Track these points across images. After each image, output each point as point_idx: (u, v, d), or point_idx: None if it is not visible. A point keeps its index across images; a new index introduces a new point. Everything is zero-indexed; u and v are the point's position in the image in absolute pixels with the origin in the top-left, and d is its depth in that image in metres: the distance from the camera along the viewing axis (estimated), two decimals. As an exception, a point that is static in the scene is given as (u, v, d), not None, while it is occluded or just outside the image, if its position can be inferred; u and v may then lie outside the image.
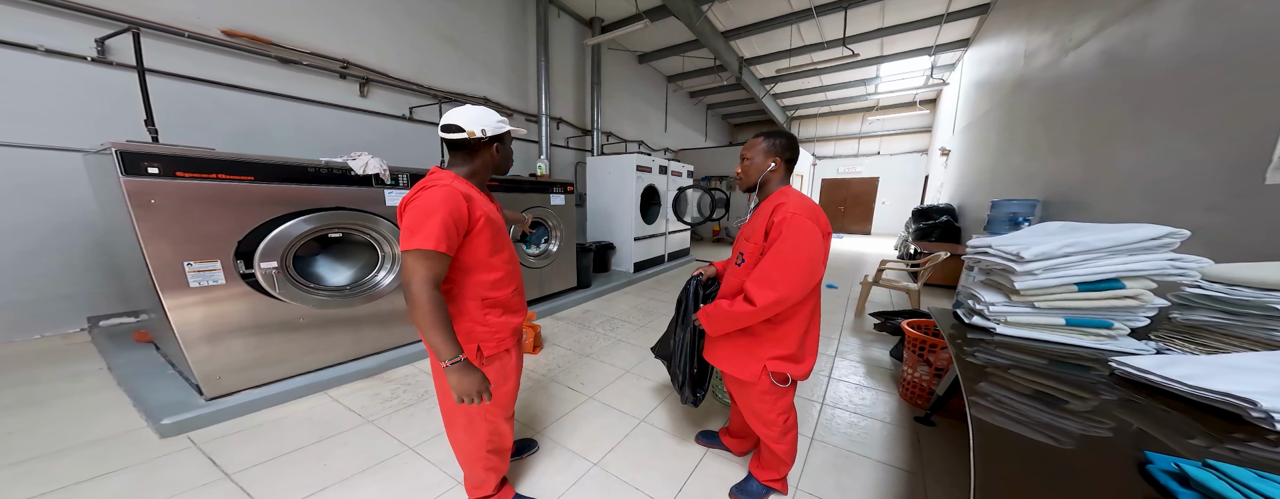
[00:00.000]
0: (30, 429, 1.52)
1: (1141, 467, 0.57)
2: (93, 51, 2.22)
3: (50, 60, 2.13)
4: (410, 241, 0.84)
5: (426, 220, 0.85)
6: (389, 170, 2.07)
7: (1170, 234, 0.95)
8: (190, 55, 2.53)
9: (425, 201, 0.87)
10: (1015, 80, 3.92)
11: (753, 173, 1.10)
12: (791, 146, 1.08)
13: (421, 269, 0.85)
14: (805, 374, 1.11)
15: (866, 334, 2.89)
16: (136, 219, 1.42)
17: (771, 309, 0.96)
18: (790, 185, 1.11)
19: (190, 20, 2.51)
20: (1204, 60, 1.62)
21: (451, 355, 0.87)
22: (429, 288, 0.85)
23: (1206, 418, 0.71)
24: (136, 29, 1.96)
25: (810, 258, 0.94)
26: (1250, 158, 1.33)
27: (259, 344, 1.77)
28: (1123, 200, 2.06)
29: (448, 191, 0.88)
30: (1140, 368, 0.81)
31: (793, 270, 0.93)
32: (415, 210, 0.87)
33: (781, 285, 0.93)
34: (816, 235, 0.95)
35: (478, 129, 0.96)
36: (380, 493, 1.29)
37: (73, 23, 2.18)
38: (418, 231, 0.84)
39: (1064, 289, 1.03)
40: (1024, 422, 0.73)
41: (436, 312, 0.85)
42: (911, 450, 1.56)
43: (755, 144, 1.09)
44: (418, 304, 0.84)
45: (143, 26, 2.29)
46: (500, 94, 4.56)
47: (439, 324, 0.85)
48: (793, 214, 0.95)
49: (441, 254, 0.86)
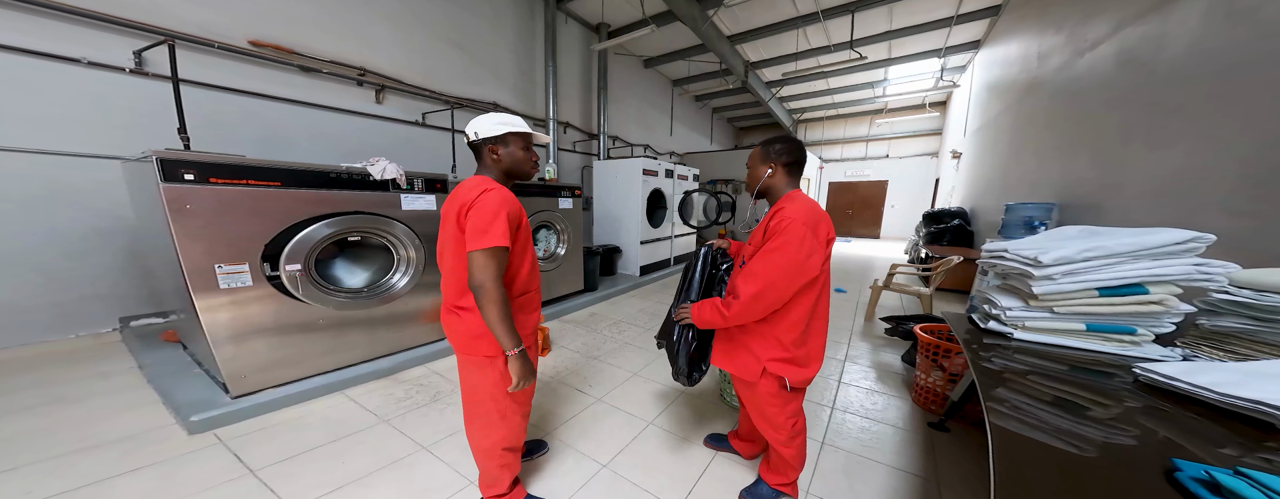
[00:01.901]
0: (63, 426, 1.58)
1: (1169, 475, 0.57)
2: (131, 63, 2.32)
3: (92, 72, 2.23)
4: (483, 240, 0.90)
5: (495, 220, 0.91)
6: (405, 175, 2.12)
7: (1196, 239, 0.93)
8: (219, 65, 2.63)
9: (489, 203, 0.92)
10: (1028, 82, 3.88)
11: (754, 179, 1.13)
12: (789, 151, 1.08)
13: (493, 266, 0.91)
14: (806, 381, 1.10)
15: (877, 338, 2.86)
16: (173, 223, 1.48)
17: (756, 302, 0.98)
18: (799, 190, 1.11)
19: (219, 32, 2.61)
20: (1225, 61, 1.60)
21: (517, 345, 0.95)
22: (499, 283, 0.92)
23: (1237, 426, 0.69)
24: (172, 41, 2.04)
25: (794, 258, 0.95)
26: (1275, 160, 1.30)
27: (281, 344, 1.81)
28: (1141, 205, 2.02)
29: (506, 193, 0.96)
30: (1167, 374, 0.80)
31: (775, 268, 0.96)
32: (481, 212, 0.91)
33: (762, 279, 0.96)
34: (807, 238, 0.96)
35: (472, 132, 1.01)
36: (395, 491, 1.31)
37: (113, 36, 2.28)
38: (489, 231, 0.90)
39: (1085, 294, 1.02)
40: (1044, 428, 0.72)
41: (506, 305, 0.93)
42: (926, 456, 1.54)
43: (753, 154, 1.13)
44: (494, 298, 0.91)
45: (177, 38, 2.38)
46: (509, 99, 4.63)
47: (508, 316, 0.94)
48: (788, 219, 0.97)
49: (508, 249, 0.95)
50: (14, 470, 1.34)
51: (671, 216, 5.17)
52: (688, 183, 5.50)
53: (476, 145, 1.02)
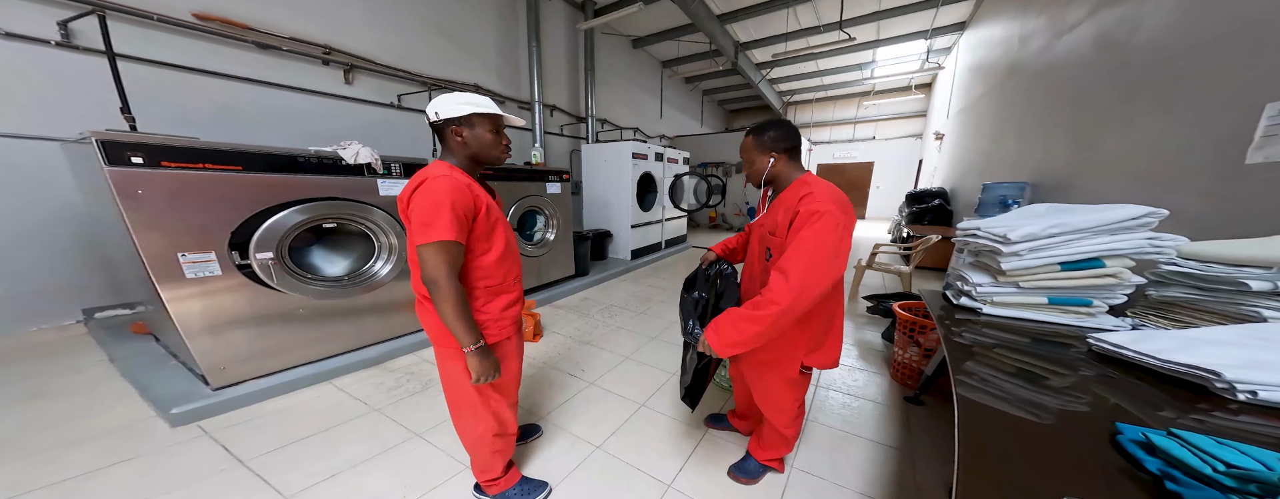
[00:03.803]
0: (42, 421, 1.54)
1: (1113, 438, 0.62)
2: (56, 35, 2.13)
3: (11, 44, 2.04)
4: (427, 234, 0.85)
5: (438, 212, 0.85)
6: (381, 159, 2.05)
7: (1149, 213, 0.98)
8: (161, 39, 2.44)
9: (430, 194, 0.86)
10: (1010, 64, 3.91)
11: (758, 172, 1.07)
12: (786, 136, 1.03)
13: (444, 260, 0.86)
14: (832, 363, 1.10)
15: (859, 317, 2.96)
16: (125, 210, 1.40)
17: (795, 306, 0.86)
18: (810, 172, 1.04)
19: (158, 3, 2.39)
20: (1193, 43, 1.64)
21: (475, 341, 0.92)
22: (453, 278, 0.88)
23: (1175, 390, 0.75)
24: (102, 12, 1.86)
25: (835, 251, 0.88)
26: (1234, 139, 1.36)
27: (260, 335, 1.78)
28: (1111, 183, 2.10)
29: (449, 182, 0.88)
30: (1115, 343, 0.85)
31: (817, 263, 0.86)
32: (423, 203, 0.86)
33: (808, 278, 0.85)
34: (843, 227, 0.89)
35: (432, 112, 0.94)
36: (391, 478, 1.33)
37: (31, 4, 2.08)
38: (433, 224, 0.85)
39: (1048, 269, 1.07)
40: (1006, 398, 0.77)
41: (461, 301, 0.88)
42: (901, 429, 1.63)
43: (746, 145, 1.07)
44: (446, 294, 0.87)
45: (108, 9, 2.19)
46: (491, 81, 4.46)
47: (464, 313, 0.89)
48: (820, 200, 0.89)
49: (458, 243, 0.88)
50: None
51: (662, 200, 5.15)
52: (678, 166, 5.46)
53: (438, 126, 0.95)
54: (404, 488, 1.29)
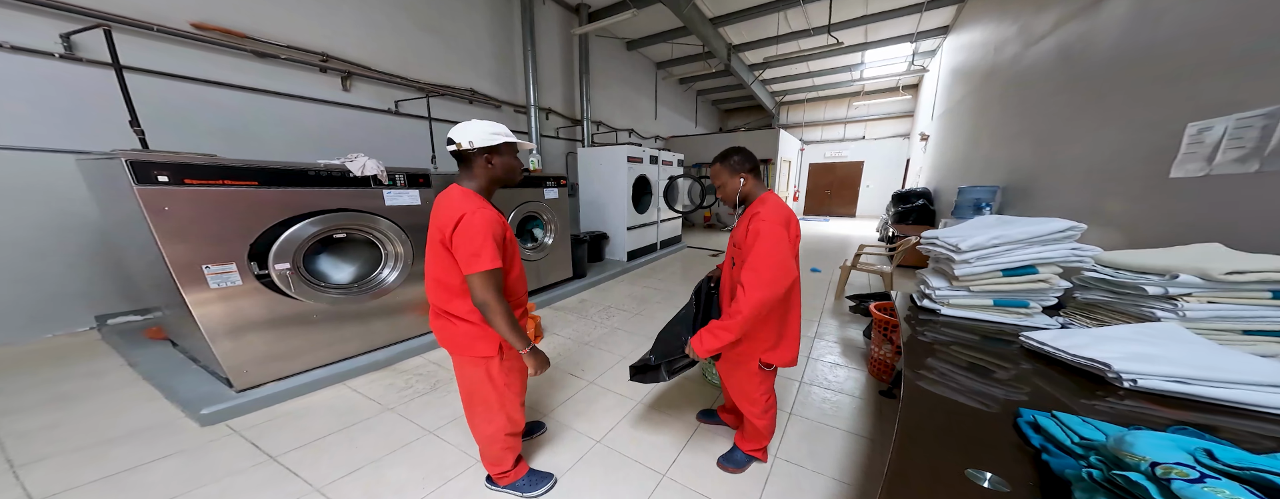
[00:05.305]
0: (71, 422, 1.64)
1: (1015, 420, 0.76)
2: (59, 48, 2.19)
3: (15, 57, 2.10)
4: (477, 264, 1.00)
5: (484, 244, 1.00)
6: (386, 171, 2.15)
7: (1072, 227, 1.14)
8: (162, 50, 2.50)
9: (476, 226, 1.01)
10: (987, 70, 4.08)
11: (731, 193, 1.25)
12: (748, 158, 1.23)
13: (492, 285, 1.02)
14: (789, 361, 1.27)
15: (844, 316, 3.12)
16: (154, 226, 1.50)
17: (760, 308, 1.05)
18: (771, 190, 1.25)
19: (157, 14, 2.45)
20: (1136, 59, 1.78)
21: (526, 345, 1.09)
22: (501, 297, 1.04)
23: (1081, 380, 0.90)
24: (107, 26, 1.87)
25: (781, 261, 1.07)
26: (1161, 153, 1.51)
27: (278, 339, 1.89)
28: (1064, 190, 2.27)
29: (488, 216, 1.03)
30: (1039, 340, 1.00)
31: (767, 273, 1.05)
32: (469, 235, 1.00)
33: (760, 288, 1.05)
34: (787, 241, 1.08)
35: (464, 141, 1.03)
36: (411, 471, 1.45)
37: (33, 17, 2.13)
38: (481, 255, 1.00)
39: (992, 275, 1.22)
40: (946, 387, 0.91)
41: (510, 314, 1.05)
42: (874, 420, 1.78)
43: (717, 171, 1.25)
44: (498, 312, 1.03)
45: (110, 21, 2.24)
46: (487, 85, 4.54)
47: (514, 324, 1.06)
48: (764, 220, 1.09)
49: (500, 269, 1.04)
50: (42, 460, 1.42)
51: (657, 202, 5.27)
52: (672, 168, 5.57)
53: (468, 153, 1.06)
54: (423, 479, 1.41)
